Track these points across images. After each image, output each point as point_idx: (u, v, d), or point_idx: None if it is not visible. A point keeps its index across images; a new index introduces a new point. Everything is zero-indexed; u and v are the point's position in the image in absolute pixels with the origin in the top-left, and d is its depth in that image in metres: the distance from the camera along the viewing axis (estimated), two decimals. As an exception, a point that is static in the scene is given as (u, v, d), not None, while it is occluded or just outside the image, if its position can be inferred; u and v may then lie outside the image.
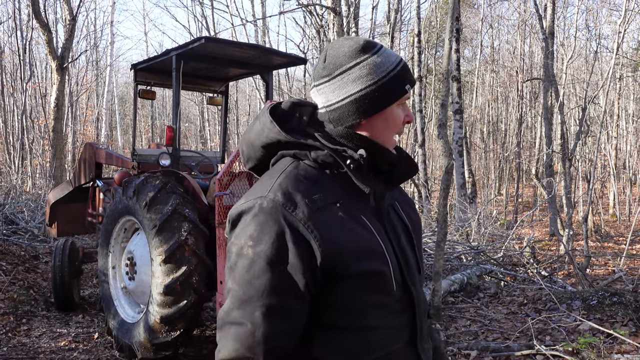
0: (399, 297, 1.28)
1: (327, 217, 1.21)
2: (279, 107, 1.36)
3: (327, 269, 1.19)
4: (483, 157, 23.81)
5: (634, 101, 25.44)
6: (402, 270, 1.30)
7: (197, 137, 31.36)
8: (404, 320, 1.31)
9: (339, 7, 9.49)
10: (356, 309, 1.24)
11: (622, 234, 16.11)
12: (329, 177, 1.29)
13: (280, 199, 1.20)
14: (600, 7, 23.71)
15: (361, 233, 1.24)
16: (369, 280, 1.23)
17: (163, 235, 4.36)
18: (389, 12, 18.24)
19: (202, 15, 20.65)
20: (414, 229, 1.43)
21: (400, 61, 1.32)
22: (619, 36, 11.74)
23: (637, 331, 4.84)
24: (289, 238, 1.17)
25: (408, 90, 1.32)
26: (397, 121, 1.34)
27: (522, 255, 9.15)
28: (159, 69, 5.63)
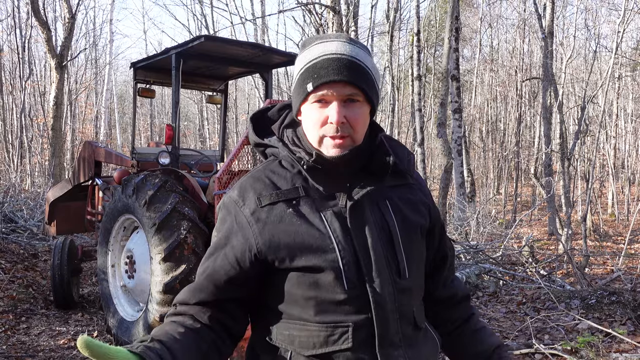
0: (353, 297, 1.26)
1: (273, 213, 1.29)
2: (270, 110, 1.47)
3: (264, 261, 1.29)
4: (482, 156, 23.84)
5: (632, 101, 25.46)
6: (359, 270, 1.27)
7: (196, 136, 31.35)
8: (361, 321, 1.27)
9: (338, 5, 9.50)
10: (297, 301, 1.30)
11: (620, 233, 16.13)
12: (295, 176, 1.35)
13: (235, 196, 1.35)
14: (600, 6, 23.72)
15: (306, 230, 1.27)
16: (310, 275, 1.27)
17: (162, 233, 4.36)
18: (389, 11, 18.25)
19: (201, 13, 20.66)
20: (405, 229, 1.35)
21: (312, 59, 1.28)
22: (618, 36, 11.76)
23: (635, 330, 4.85)
24: (234, 230, 1.32)
25: (309, 89, 1.27)
26: (311, 122, 1.30)
27: (521, 254, 9.17)
28: (159, 68, 5.63)
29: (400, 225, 1.35)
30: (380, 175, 1.38)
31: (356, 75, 1.27)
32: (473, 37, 26.98)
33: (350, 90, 1.27)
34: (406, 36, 23.78)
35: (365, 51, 1.32)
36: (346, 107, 1.27)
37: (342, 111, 1.26)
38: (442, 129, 6.39)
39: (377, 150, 1.38)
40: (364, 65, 1.29)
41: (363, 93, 1.29)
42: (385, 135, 1.44)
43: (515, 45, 23.73)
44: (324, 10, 12.52)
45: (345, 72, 1.25)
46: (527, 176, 24.10)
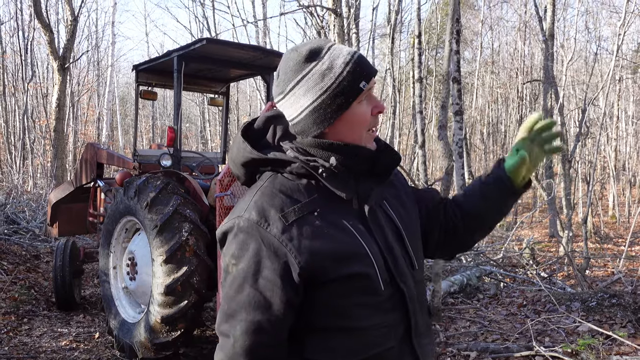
0: (388, 296, 1.30)
1: (303, 227, 1.25)
2: (253, 124, 1.41)
3: (307, 278, 1.25)
4: (483, 158, 23.84)
5: (633, 103, 25.46)
6: (389, 269, 1.31)
7: (198, 138, 31.37)
8: (397, 318, 1.32)
9: (340, 8, 9.52)
10: (344, 311, 1.28)
11: (621, 235, 16.12)
12: (307, 187, 1.32)
13: (254, 217, 1.26)
14: (600, 9, 23.74)
15: (340, 238, 1.27)
16: (353, 282, 1.26)
17: (164, 235, 4.38)
18: (390, 14, 18.26)
19: (203, 16, 20.78)
20: (406, 224, 1.41)
21: (349, 61, 1.29)
22: (618, 38, 11.77)
23: (636, 333, 4.85)
24: (265, 255, 1.24)
25: (364, 87, 1.28)
26: (362, 119, 1.32)
27: (522, 256, 9.17)
28: (161, 70, 5.66)
29: (402, 222, 1.40)
30: (383, 176, 1.40)
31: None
32: (474, 40, 27.01)
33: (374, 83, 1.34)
34: (407, 38, 23.82)
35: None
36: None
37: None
38: (443, 131, 6.39)
39: (384, 152, 1.40)
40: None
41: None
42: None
43: (516, 48, 23.75)
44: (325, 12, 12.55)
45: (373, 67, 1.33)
46: (528, 178, 23.98)
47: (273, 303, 1.23)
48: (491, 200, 1.52)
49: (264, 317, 1.24)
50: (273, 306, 1.24)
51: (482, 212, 1.55)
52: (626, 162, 25.29)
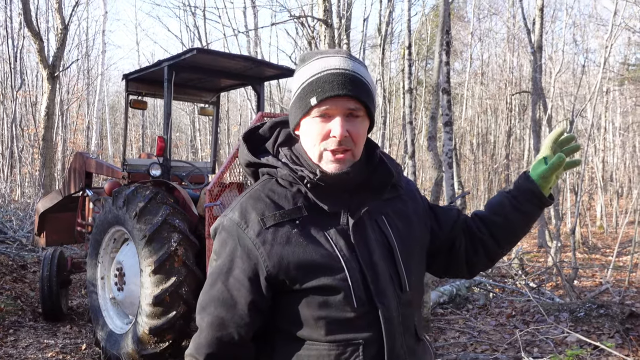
0: (362, 313, 1.27)
1: (278, 233, 1.27)
2: (260, 128, 1.46)
3: (275, 283, 1.28)
4: (472, 168, 23.93)
5: (620, 114, 25.74)
6: (367, 287, 1.28)
7: (188, 147, 31.29)
8: (370, 338, 1.28)
9: (331, 19, 9.57)
10: (309, 321, 1.28)
11: (609, 245, 16.22)
12: (296, 194, 1.33)
13: (236, 218, 1.31)
14: (588, 22, 24.05)
15: (314, 249, 1.27)
16: (321, 295, 1.26)
17: (153, 245, 4.36)
18: (380, 25, 18.39)
19: (194, 25, 20.72)
20: (403, 243, 1.38)
21: (314, 74, 1.28)
22: (605, 50, 11.91)
23: (623, 343, 4.88)
24: (239, 255, 1.29)
25: (313, 104, 1.26)
26: (311, 135, 1.30)
27: (511, 266, 9.21)
28: (151, 79, 5.65)
29: (398, 240, 1.37)
30: (379, 191, 1.40)
31: (359, 90, 1.28)
32: (464, 51, 27.22)
33: (353, 105, 1.28)
34: (398, 49, 23.96)
35: (364, 67, 1.34)
36: (348, 122, 1.28)
37: (345, 125, 1.27)
38: (432, 142, 6.43)
39: (379, 167, 1.40)
40: (366, 80, 1.31)
41: (365, 108, 1.30)
42: (381, 151, 1.46)
43: (505, 59, 23.97)
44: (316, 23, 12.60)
45: (349, 87, 1.27)
46: (517, 189, 24.10)
47: (238, 302, 1.28)
48: (523, 213, 1.50)
49: (228, 314, 1.28)
50: (238, 305, 1.28)
51: (515, 225, 1.53)
52: (613, 173, 25.51)
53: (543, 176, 1.47)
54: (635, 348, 4.80)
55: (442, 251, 1.54)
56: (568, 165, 1.48)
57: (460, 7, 28.63)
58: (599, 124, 21.47)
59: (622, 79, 23.83)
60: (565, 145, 1.49)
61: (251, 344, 1.32)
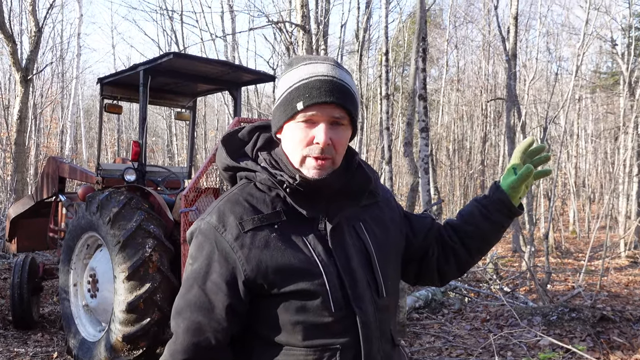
0: (339, 318, 1.28)
1: (256, 237, 1.27)
2: (239, 132, 1.45)
3: (253, 287, 1.27)
4: (449, 174, 24.15)
5: (592, 121, 26.26)
6: (345, 292, 1.29)
7: (164, 152, 31.01)
8: (347, 343, 1.29)
9: (308, 25, 9.59)
10: (286, 326, 1.28)
11: (581, 250, 16.51)
12: (274, 199, 1.34)
13: (214, 222, 1.30)
14: (561, 30, 24.54)
15: (293, 253, 1.27)
16: (298, 299, 1.26)
17: (127, 251, 4.31)
18: (358, 31, 18.50)
19: (171, 29, 20.64)
20: (380, 249, 1.39)
21: (302, 79, 1.28)
22: (578, 59, 12.14)
23: (594, 346, 4.97)
24: (216, 258, 1.28)
25: (299, 108, 1.27)
26: (294, 139, 1.30)
27: (486, 271, 9.31)
28: (126, 83, 5.60)
29: (375, 246, 1.38)
30: (357, 197, 1.41)
31: (345, 98, 1.29)
32: (440, 58, 27.51)
33: (338, 113, 1.29)
34: (375, 55, 24.13)
35: (350, 76, 1.35)
36: (332, 129, 1.29)
37: (329, 133, 1.28)
38: (409, 147, 6.48)
39: (357, 173, 1.41)
40: (352, 90, 1.32)
41: (349, 117, 1.31)
42: (360, 158, 1.47)
43: (481, 67, 24.29)
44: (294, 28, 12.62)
45: (336, 95, 1.27)
46: (492, 194, 24.36)
47: (216, 307, 1.27)
48: (493, 222, 1.52)
49: (205, 319, 1.27)
50: (215, 309, 1.27)
51: (486, 234, 1.55)
52: (586, 179, 26.00)
53: (512, 186, 1.49)
54: (606, 351, 4.89)
55: (415, 258, 1.56)
56: (538, 175, 1.51)
57: (437, 15, 28.97)
58: (571, 130, 21.86)
59: (594, 87, 24.34)
60: (535, 155, 1.52)
61: (228, 349, 1.31)
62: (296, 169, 1.31)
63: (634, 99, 16.32)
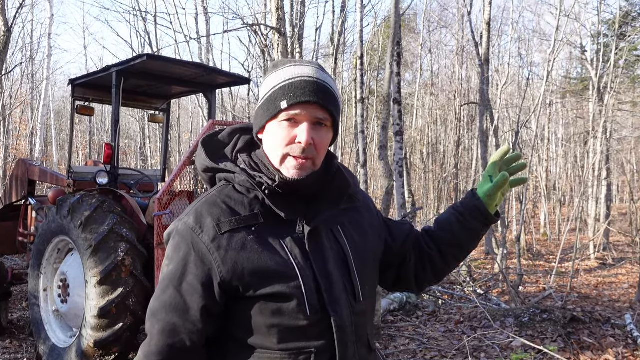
0: (315, 321, 1.27)
1: (233, 239, 1.27)
2: (219, 133, 1.45)
3: (228, 290, 1.27)
4: (423, 177, 24.37)
5: (563, 126, 26.80)
6: (321, 295, 1.29)
7: (137, 155, 30.65)
8: (322, 346, 1.29)
9: (284, 28, 9.60)
10: (261, 329, 1.28)
11: (552, 252, 16.81)
12: (253, 201, 1.33)
13: (191, 223, 1.30)
14: (532, 37, 25.01)
15: (269, 256, 1.27)
16: (274, 302, 1.26)
17: (99, 255, 4.25)
18: (333, 35, 18.57)
19: (144, 30, 20.34)
20: (358, 253, 1.39)
21: (287, 79, 1.29)
22: (548, 64, 12.39)
23: (565, 347, 5.05)
24: (192, 260, 1.27)
25: (283, 107, 1.27)
26: (277, 139, 1.30)
27: (459, 273, 9.41)
28: (99, 85, 5.52)
29: (353, 250, 1.38)
30: (335, 201, 1.41)
31: (329, 100, 1.30)
32: (414, 62, 27.79)
33: (322, 114, 1.29)
34: (350, 59, 24.24)
35: (334, 81, 1.36)
36: (314, 130, 1.29)
37: (311, 133, 1.28)
38: (383, 151, 6.52)
39: (336, 177, 1.41)
40: (336, 94, 1.33)
41: (332, 119, 1.32)
42: (339, 162, 1.47)
43: (454, 71, 24.60)
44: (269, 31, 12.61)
45: (320, 96, 1.28)
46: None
47: (191, 308, 1.26)
48: (469, 229, 1.54)
49: (180, 320, 1.26)
50: (190, 311, 1.26)
51: (462, 241, 1.56)
52: (556, 182, 26.49)
53: (488, 194, 1.51)
54: (577, 351, 4.98)
55: (394, 265, 1.57)
56: (514, 183, 1.53)
57: (411, 20, 29.26)
58: (542, 134, 22.25)
59: (564, 92, 24.86)
60: (511, 163, 1.54)
61: (203, 351, 1.31)
62: (276, 169, 1.31)
63: (602, 104, 16.70)
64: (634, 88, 24.83)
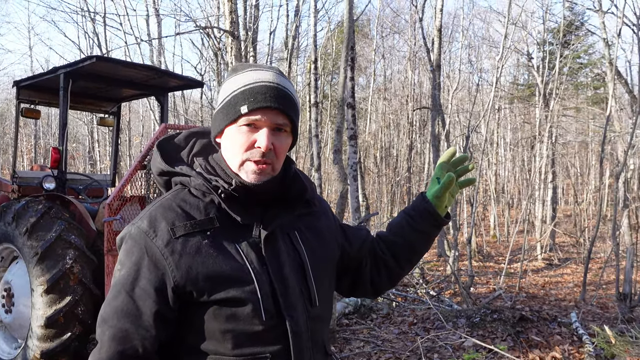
0: (270, 327, 1.27)
1: (188, 244, 1.25)
2: (175, 137, 1.44)
3: (182, 294, 1.25)
4: (376, 181, 24.62)
5: (511, 130, 27.62)
6: (277, 300, 1.28)
7: (85, 159, 29.79)
8: (277, 352, 1.28)
9: (237, 31, 9.53)
10: (215, 334, 1.26)
11: (501, 253, 17.26)
12: (209, 205, 1.32)
13: (145, 227, 1.27)
14: (481, 43, 25.71)
15: (224, 261, 1.26)
16: (229, 307, 1.25)
17: (45, 263, 4.11)
18: (287, 39, 18.58)
19: (93, 31, 19.79)
20: (315, 258, 1.39)
21: (246, 84, 1.29)
22: (497, 71, 12.75)
23: (514, 345, 5.20)
24: (145, 264, 1.25)
25: (243, 112, 1.27)
26: (236, 143, 1.30)
27: (412, 276, 9.54)
28: (45, 87, 5.35)
29: (309, 255, 1.38)
30: (292, 206, 1.40)
31: (289, 106, 1.30)
32: (368, 67, 28.07)
33: (282, 120, 1.29)
34: (304, 63, 24.28)
35: (292, 85, 1.36)
36: (274, 135, 1.29)
37: (271, 138, 1.28)
38: (338, 155, 6.56)
39: (294, 182, 1.41)
40: (295, 99, 1.33)
41: (291, 124, 1.32)
42: (297, 167, 1.47)
43: (407, 76, 24.97)
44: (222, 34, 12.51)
45: (281, 101, 1.28)
46: (418, 200, 25.02)
47: (143, 313, 1.23)
48: (420, 232, 1.55)
49: (133, 326, 1.23)
50: (143, 316, 1.23)
51: (414, 244, 1.58)
52: (505, 185, 27.26)
53: (436, 196, 1.53)
54: (525, 350, 5.13)
55: (350, 270, 1.58)
56: (462, 184, 1.56)
57: (365, 25, 29.55)
58: (491, 139, 22.87)
59: (512, 98, 25.64)
60: (458, 165, 1.56)
61: (156, 358, 1.27)
62: (235, 173, 1.31)
63: (548, 109, 17.30)
64: (578, 94, 25.87)
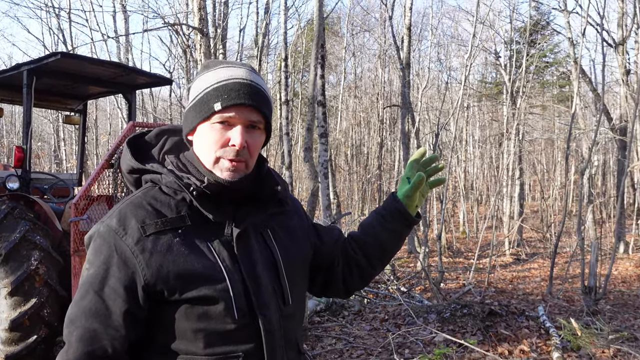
0: (242, 325, 1.26)
1: (159, 242, 1.23)
2: (146, 134, 1.42)
3: (152, 293, 1.23)
4: (347, 178, 24.73)
5: (479, 128, 28.04)
6: (249, 298, 1.28)
7: (51, 158, 29.16)
8: (250, 350, 1.27)
9: (206, 28, 9.43)
10: (186, 334, 1.24)
11: (471, 249, 17.51)
12: (180, 203, 1.30)
13: (114, 225, 1.25)
14: (450, 42, 26.01)
15: (196, 259, 1.24)
16: (200, 306, 1.23)
17: (9, 265, 4.00)
18: (257, 36, 18.49)
19: (58, 28, 19.37)
20: (288, 257, 1.39)
21: (219, 81, 1.28)
22: (466, 69, 12.90)
23: (484, 339, 5.28)
24: (115, 262, 1.22)
25: (217, 109, 1.25)
26: (209, 141, 1.28)
27: (383, 272, 9.60)
28: (8, 84, 5.21)
29: (282, 253, 1.38)
30: (265, 204, 1.39)
31: (263, 103, 1.29)
32: (338, 65, 28.14)
33: (256, 117, 1.28)
34: (274, 61, 24.24)
35: (265, 82, 1.35)
36: (247, 133, 1.28)
37: (245, 135, 1.27)
38: (308, 153, 6.56)
39: (266, 180, 1.40)
40: (268, 96, 1.32)
41: (265, 121, 1.31)
42: (269, 166, 1.46)
43: (377, 74, 25.13)
44: (191, 31, 12.38)
45: (255, 98, 1.27)
46: (389, 198, 25.23)
47: (113, 313, 1.21)
48: (391, 231, 1.55)
49: (102, 326, 1.20)
50: (112, 316, 1.21)
51: (385, 244, 1.57)
52: (474, 182, 27.68)
53: (407, 195, 1.53)
54: (495, 343, 5.21)
55: (322, 269, 1.57)
56: (432, 184, 1.57)
57: (335, 23, 29.62)
58: (460, 136, 23.15)
59: (480, 96, 26.04)
60: (428, 165, 1.57)
61: (125, 358, 1.25)
62: (208, 171, 1.29)
63: (515, 107, 17.61)
64: (544, 92, 26.41)
